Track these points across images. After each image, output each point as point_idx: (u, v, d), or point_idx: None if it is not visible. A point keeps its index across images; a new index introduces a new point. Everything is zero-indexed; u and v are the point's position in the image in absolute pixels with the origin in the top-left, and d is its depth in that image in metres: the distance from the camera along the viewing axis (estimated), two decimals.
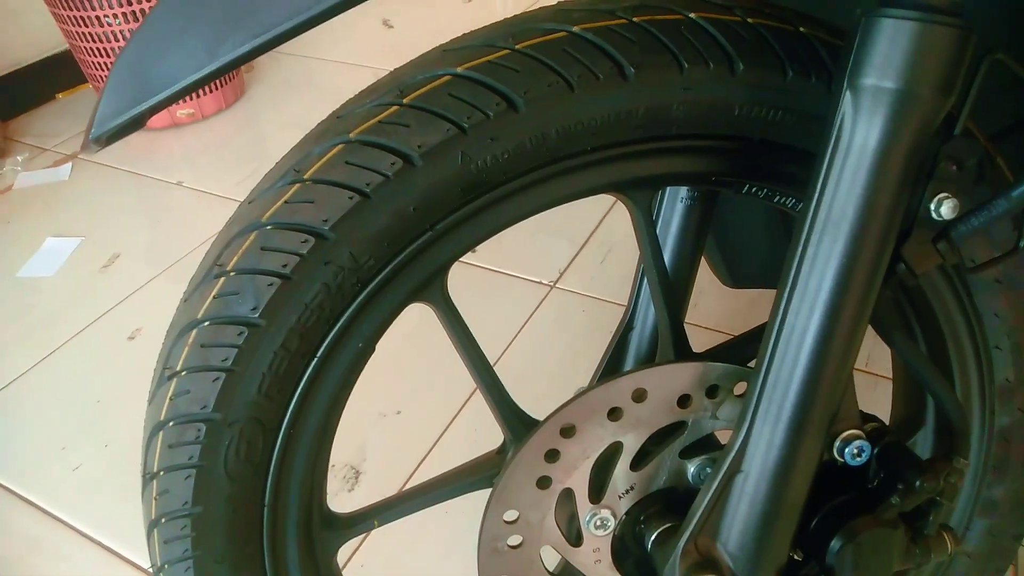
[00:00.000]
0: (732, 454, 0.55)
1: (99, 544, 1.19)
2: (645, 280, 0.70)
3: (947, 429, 0.61)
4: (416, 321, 1.56)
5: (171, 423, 0.54)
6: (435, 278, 0.56)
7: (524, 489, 0.58)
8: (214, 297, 0.52)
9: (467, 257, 1.61)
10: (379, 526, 0.65)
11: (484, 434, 1.28)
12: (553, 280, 1.62)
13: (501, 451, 0.65)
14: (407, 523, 0.74)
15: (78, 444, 1.35)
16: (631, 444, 0.58)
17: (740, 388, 0.59)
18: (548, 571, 0.62)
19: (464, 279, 1.63)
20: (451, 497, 0.66)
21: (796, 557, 0.59)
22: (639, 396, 0.57)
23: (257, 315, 0.51)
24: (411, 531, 1.15)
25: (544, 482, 0.58)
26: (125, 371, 1.48)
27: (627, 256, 1.67)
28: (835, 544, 0.57)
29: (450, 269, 0.57)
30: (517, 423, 0.61)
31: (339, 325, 0.53)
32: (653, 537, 0.61)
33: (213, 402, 0.52)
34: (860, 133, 0.48)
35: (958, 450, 0.60)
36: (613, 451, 0.59)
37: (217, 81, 2.25)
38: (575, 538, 0.61)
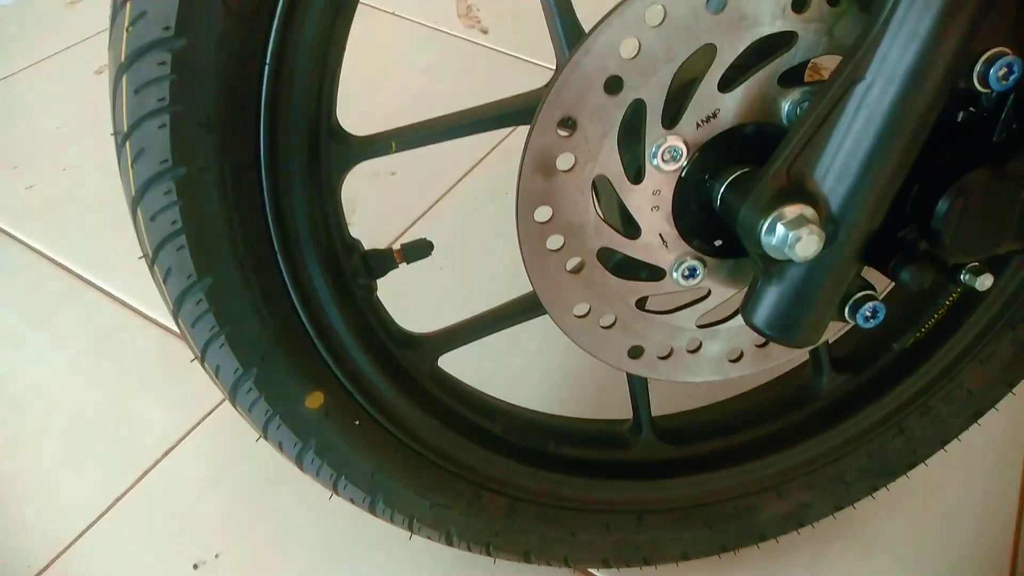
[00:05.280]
0: (856, 58, 0.45)
1: (52, 260, 1.08)
2: None
3: None
4: (417, 87, 1.41)
5: None
6: None
7: (589, 90, 0.47)
8: None
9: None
10: (396, 151, 0.54)
11: (485, 201, 1.17)
12: None
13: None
14: None
15: (32, 164, 1.22)
16: (726, 52, 0.47)
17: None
18: (597, 212, 0.52)
19: None
20: (484, 129, 0.55)
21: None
22: None
23: None
24: None
25: (614, 85, 0.47)
26: (91, 103, 1.33)
27: None
28: (943, 204, 0.48)
29: None
30: (576, 38, 0.50)
31: None
32: (725, 185, 0.51)
33: None
34: None
35: None
36: (701, 63, 0.48)
37: None
38: (635, 174, 0.51)
